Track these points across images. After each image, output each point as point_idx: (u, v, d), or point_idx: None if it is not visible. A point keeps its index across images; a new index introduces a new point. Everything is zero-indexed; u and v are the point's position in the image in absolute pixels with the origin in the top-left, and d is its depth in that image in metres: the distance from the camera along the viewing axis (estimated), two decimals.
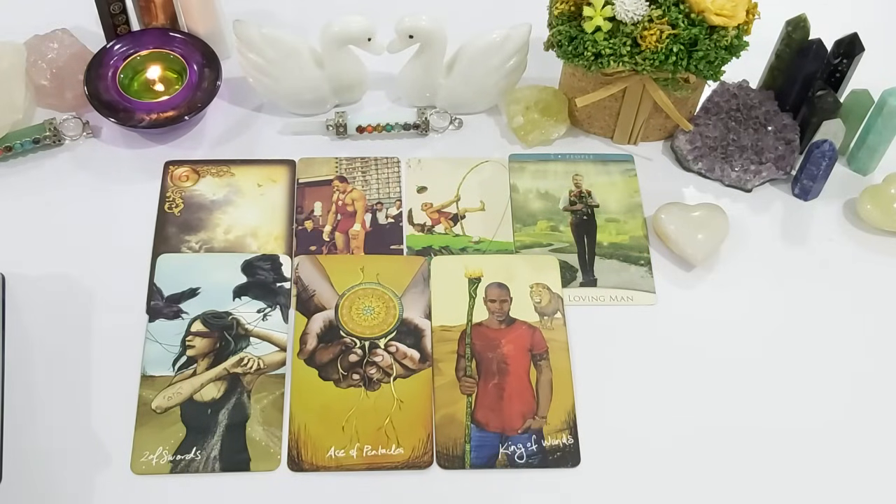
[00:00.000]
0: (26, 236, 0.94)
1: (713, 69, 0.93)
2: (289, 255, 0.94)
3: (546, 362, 0.87)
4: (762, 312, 0.92)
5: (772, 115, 1.02)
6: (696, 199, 0.99)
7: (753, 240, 0.97)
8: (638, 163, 1.03)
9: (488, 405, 0.85)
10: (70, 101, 1.03)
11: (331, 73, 1.01)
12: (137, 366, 0.85)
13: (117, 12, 1.03)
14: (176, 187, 0.98)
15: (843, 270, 0.95)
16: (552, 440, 0.83)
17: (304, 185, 0.99)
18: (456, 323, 0.90)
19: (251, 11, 1.07)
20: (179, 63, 1.03)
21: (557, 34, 0.94)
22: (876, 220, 0.97)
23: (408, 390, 0.85)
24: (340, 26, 0.97)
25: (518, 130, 1.03)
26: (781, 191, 1.01)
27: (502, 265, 0.94)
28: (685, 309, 0.92)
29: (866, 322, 0.91)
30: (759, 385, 0.87)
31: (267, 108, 1.06)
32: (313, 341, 0.88)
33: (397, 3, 1.00)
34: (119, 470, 0.80)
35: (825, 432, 0.84)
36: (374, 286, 0.92)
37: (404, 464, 0.82)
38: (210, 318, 0.89)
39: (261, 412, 0.84)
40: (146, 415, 0.83)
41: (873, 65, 0.99)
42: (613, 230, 0.97)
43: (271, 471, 0.81)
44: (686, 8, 0.90)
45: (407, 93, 1.05)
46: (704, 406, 0.85)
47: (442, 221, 0.97)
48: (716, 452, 0.83)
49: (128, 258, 0.92)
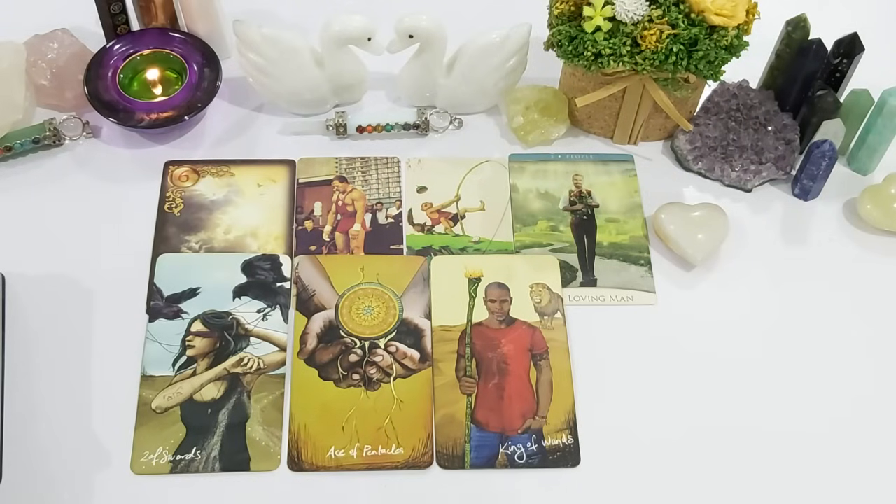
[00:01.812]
0: (26, 236, 0.94)
1: (713, 69, 0.93)
2: (289, 255, 0.94)
3: (546, 362, 0.87)
4: (762, 312, 0.92)
5: (772, 115, 1.02)
6: (696, 199, 0.99)
7: (753, 240, 0.97)
8: (638, 163, 1.03)
9: (488, 405, 0.85)
10: (70, 101, 1.03)
11: (331, 73, 1.01)
12: (137, 366, 0.85)
13: (117, 12, 1.03)
14: (176, 187, 0.98)
15: (843, 270, 0.95)
16: (552, 440, 0.83)
17: (304, 185, 0.99)
18: (456, 323, 0.90)
19: (251, 11, 1.07)
20: (179, 63, 1.03)
21: (557, 34, 0.94)
22: (876, 220, 0.97)
23: (408, 390, 0.85)
24: (340, 26, 0.97)
25: (518, 130, 1.03)
26: (781, 191, 1.01)
27: (502, 265, 0.94)
28: (685, 309, 0.92)
29: (866, 322, 0.91)
30: (759, 385, 0.87)
31: (267, 108, 1.06)
32: (313, 341, 0.88)
33: (397, 3, 1.00)
34: (119, 470, 0.80)
35: (825, 432, 0.84)
36: (374, 286, 0.92)
37: (404, 464, 0.82)
38: (210, 318, 0.89)
39: (261, 412, 0.84)
40: (146, 415, 0.83)
41: (873, 65, 0.99)
42: (613, 230, 0.97)
43: (271, 471, 0.81)
44: (686, 8, 0.90)
45: (407, 93, 1.05)
46: (704, 406, 0.85)
47: (442, 221, 0.97)
48: (716, 452, 0.83)
49: (128, 258, 0.92)
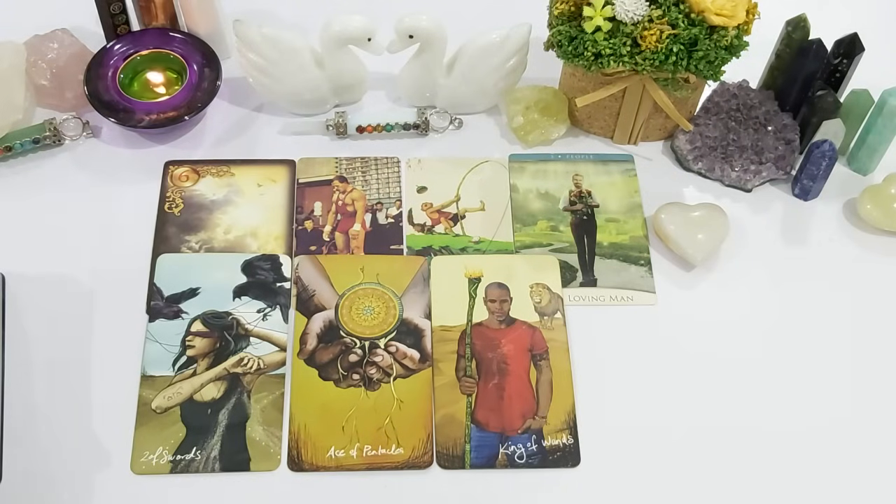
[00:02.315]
0: (26, 236, 0.94)
1: (713, 69, 0.93)
2: (289, 255, 0.94)
3: (546, 362, 0.87)
4: (762, 312, 0.92)
5: (772, 115, 1.02)
6: (696, 199, 0.99)
7: (753, 240, 0.97)
8: (638, 163, 1.03)
9: (488, 405, 0.85)
10: (70, 101, 1.03)
11: (331, 73, 1.01)
12: (137, 366, 0.85)
13: (117, 12, 1.03)
14: (176, 187, 0.98)
15: (843, 270, 0.95)
16: (552, 440, 0.83)
17: (304, 185, 0.99)
18: (456, 323, 0.90)
19: (251, 11, 1.07)
20: (179, 63, 1.03)
21: (557, 34, 0.94)
22: (876, 220, 0.97)
23: (408, 390, 0.85)
24: (340, 26, 0.97)
25: (518, 130, 1.03)
26: (781, 191, 1.01)
27: (502, 265, 0.94)
28: (685, 309, 0.92)
29: (866, 322, 0.91)
30: (759, 385, 0.87)
31: (267, 108, 1.06)
32: (313, 341, 0.88)
33: (397, 3, 1.00)
34: (119, 470, 0.80)
35: (825, 432, 0.84)
36: (374, 286, 0.92)
37: (404, 464, 0.82)
38: (210, 318, 0.89)
39: (261, 412, 0.84)
40: (146, 415, 0.83)
41: (873, 65, 0.99)
42: (613, 230, 0.97)
43: (271, 471, 0.81)
44: (686, 8, 0.90)
45: (407, 93, 1.05)
46: (704, 406, 0.85)
47: (442, 221, 0.97)
48: (716, 452, 0.83)
49: (128, 258, 0.92)
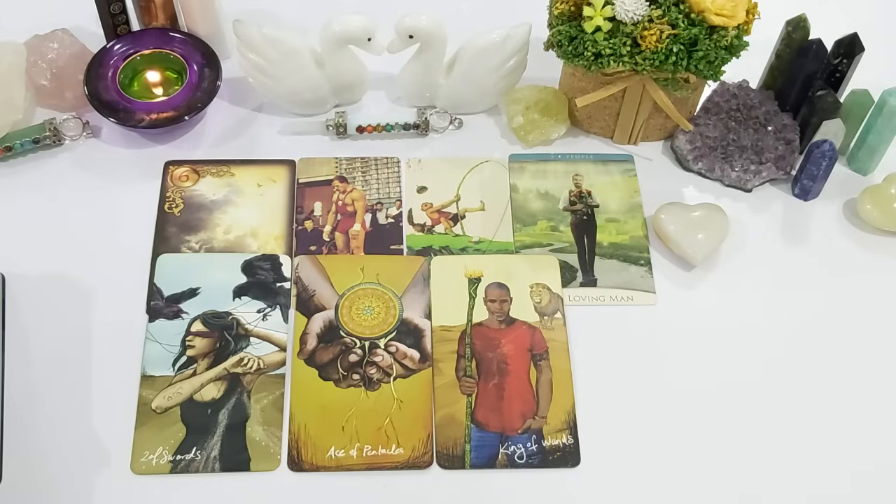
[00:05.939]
0: (26, 236, 0.94)
1: (713, 69, 0.93)
2: (289, 255, 0.94)
3: (546, 362, 0.87)
4: (762, 312, 0.92)
5: (772, 115, 1.02)
6: (696, 199, 0.99)
7: (753, 240, 0.97)
8: (638, 163, 1.03)
9: (488, 405, 0.85)
10: (70, 101, 1.03)
11: (331, 73, 1.01)
12: (137, 366, 0.85)
13: (117, 12, 1.03)
14: (176, 187, 0.98)
15: (843, 270, 0.95)
16: (552, 440, 0.83)
17: (304, 185, 0.99)
18: (456, 323, 0.90)
19: (251, 11, 1.07)
20: (179, 63, 1.03)
21: (557, 34, 0.94)
22: (876, 220, 0.97)
23: (408, 390, 0.85)
24: (340, 26, 0.97)
25: (518, 130, 1.03)
26: (781, 191, 1.01)
27: (502, 265, 0.94)
28: (685, 309, 0.92)
29: (866, 322, 0.91)
30: (759, 385, 0.87)
31: (267, 108, 1.06)
32: (313, 341, 0.88)
33: (397, 3, 1.00)
34: (119, 470, 0.80)
35: (825, 432, 0.84)
36: (374, 286, 0.92)
37: (404, 464, 0.82)
38: (210, 318, 0.89)
39: (261, 412, 0.84)
40: (146, 415, 0.83)
41: (873, 65, 0.99)
42: (613, 230, 0.97)
43: (271, 471, 0.81)
44: (686, 8, 0.90)
45: (407, 93, 1.05)
46: (704, 406, 0.85)
47: (442, 221, 0.97)
48: (716, 452, 0.83)
49: (128, 258, 0.92)
